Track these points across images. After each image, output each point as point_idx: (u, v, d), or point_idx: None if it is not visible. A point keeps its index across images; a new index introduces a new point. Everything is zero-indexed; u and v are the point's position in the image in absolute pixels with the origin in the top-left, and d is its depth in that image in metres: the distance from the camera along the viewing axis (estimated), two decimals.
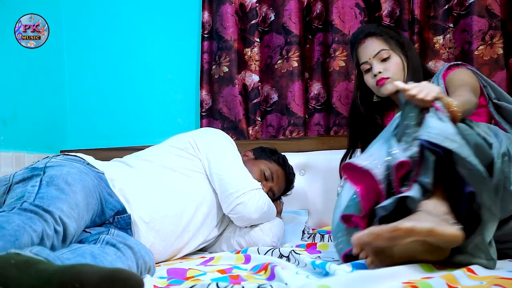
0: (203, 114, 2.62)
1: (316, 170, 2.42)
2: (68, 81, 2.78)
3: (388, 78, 1.88)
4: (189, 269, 1.42)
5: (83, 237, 1.44)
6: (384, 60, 1.89)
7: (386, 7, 2.42)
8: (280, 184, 2.07)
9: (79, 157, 1.66)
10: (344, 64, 2.47)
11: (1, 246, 1.05)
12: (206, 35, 2.61)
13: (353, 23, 2.46)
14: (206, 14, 2.61)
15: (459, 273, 1.12)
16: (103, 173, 1.63)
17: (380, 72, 1.88)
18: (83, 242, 1.41)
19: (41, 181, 1.36)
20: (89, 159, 1.69)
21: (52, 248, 1.19)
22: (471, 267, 1.20)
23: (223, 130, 2.56)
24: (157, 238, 1.67)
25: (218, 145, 1.92)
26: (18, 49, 2.36)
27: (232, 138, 2.54)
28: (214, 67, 2.60)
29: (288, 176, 2.11)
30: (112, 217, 1.59)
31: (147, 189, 1.71)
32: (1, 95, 2.26)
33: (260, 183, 1.91)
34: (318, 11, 2.53)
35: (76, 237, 1.34)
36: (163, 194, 1.73)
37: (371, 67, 1.92)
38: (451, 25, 2.32)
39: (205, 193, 1.84)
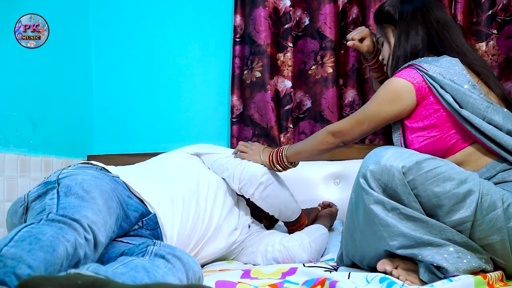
0: (234, 120, 2.55)
1: (352, 180, 2.33)
2: (96, 85, 2.73)
3: (385, 64, 1.84)
4: (238, 282, 1.35)
5: (125, 248, 1.42)
6: (382, 45, 1.82)
7: None
8: None
9: (90, 163, 1.66)
10: None
11: (42, 257, 1.04)
12: (237, 39, 2.55)
13: None
14: (238, 18, 2.55)
15: None
16: (118, 176, 1.62)
17: (383, 59, 1.84)
18: (128, 254, 1.38)
19: (58, 192, 1.35)
20: (101, 164, 1.67)
21: (85, 256, 1.18)
22: None
23: (254, 137, 2.52)
24: (181, 223, 1.69)
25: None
26: (48, 54, 2.32)
27: (263, 145, 2.50)
28: (246, 72, 2.54)
29: None
30: (140, 221, 1.59)
31: (158, 179, 1.74)
32: (31, 98, 2.21)
33: None
34: (354, 16, 2.46)
35: (106, 243, 1.33)
36: (174, 177, 1.79)
37: None
38: (495, 31, 2.24)
39: (212, 175, 1.91)
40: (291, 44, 2.53)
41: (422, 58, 1.64)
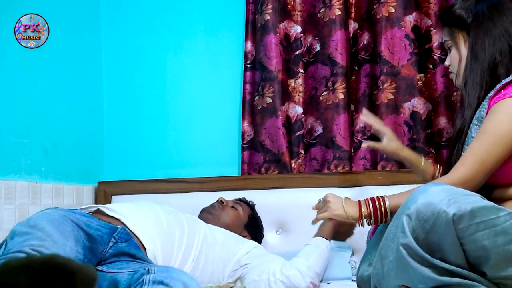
0: (245, 146, 2.54)
1: None
2: (107, 111, 2.73)
3: (451, 72, 1.69)
4: None
5: (117, 278, 1.43)
6: (449, 49, 1.67)
7: (437, 38, 2.36)
8: None
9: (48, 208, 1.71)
10: (392, 97, 2.39)
11: None
12: (248, 65, 2.55)
13: (403, 55, 2.39)
14: (249, 44, 2.55)
15: None
16: (76, 208, 1.67)
17: (449, 65, 1.70)
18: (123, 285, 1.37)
19: (5, 241, 1.37)
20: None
21: None
22: None
23: (265, 163, 2.51)
24: (156, 221, 1.76)
25: None
26: (60, 81, 2.34)
27: (274, 171, 2.49)
28: (257, 98, 2.54)
29: None
30: (113, 238, 1.59)
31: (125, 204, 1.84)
32: (43, 124, 2.22)
33: None
34: (365, 42, 2.47)
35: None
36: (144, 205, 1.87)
37: None
38: None
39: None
40: (302, 70, 2.53)
41: None
